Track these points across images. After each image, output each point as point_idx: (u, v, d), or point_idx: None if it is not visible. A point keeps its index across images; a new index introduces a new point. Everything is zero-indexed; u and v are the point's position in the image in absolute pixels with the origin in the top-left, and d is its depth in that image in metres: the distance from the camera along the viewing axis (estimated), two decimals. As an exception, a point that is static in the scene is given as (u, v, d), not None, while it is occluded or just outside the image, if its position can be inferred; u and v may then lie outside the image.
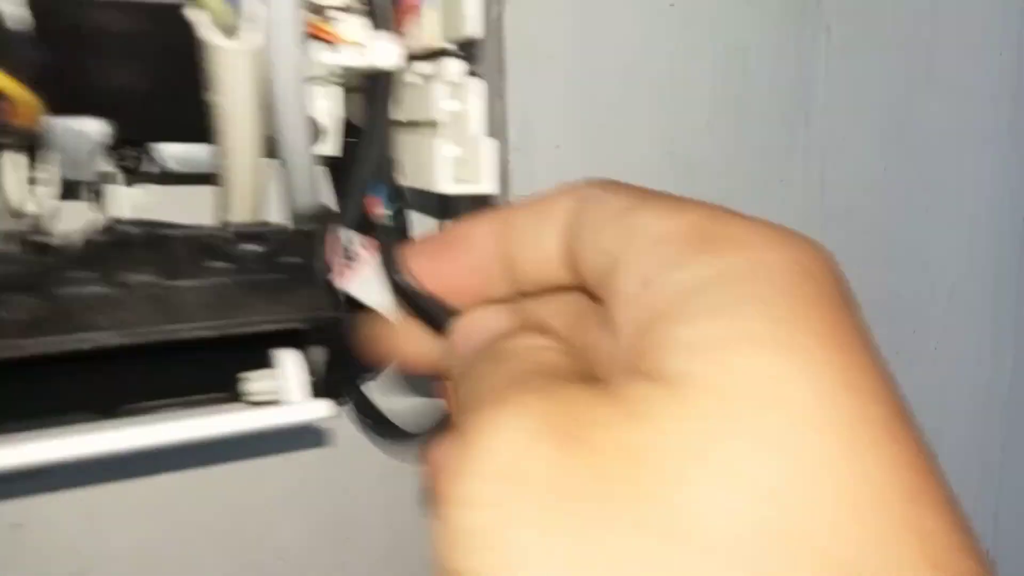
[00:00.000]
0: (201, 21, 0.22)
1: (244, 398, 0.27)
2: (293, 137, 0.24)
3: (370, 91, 0.25)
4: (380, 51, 0.24)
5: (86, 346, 0.20)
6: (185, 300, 0.22)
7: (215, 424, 0.23)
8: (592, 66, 0.42)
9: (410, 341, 0.22)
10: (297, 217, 0.24)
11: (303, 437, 0.40)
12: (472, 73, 0.25)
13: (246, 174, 0.25)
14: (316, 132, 0.29)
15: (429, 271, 0.21)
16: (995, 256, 0.58)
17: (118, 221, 0.22)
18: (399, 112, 0.27)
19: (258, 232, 0.23)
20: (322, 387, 0.26)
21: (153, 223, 0.22)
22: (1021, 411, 0.61)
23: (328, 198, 0.29)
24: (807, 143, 0.48)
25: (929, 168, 0.52)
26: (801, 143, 0.48)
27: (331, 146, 0.30)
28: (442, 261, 0.21)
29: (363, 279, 0.24)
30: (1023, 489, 0.61)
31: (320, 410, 0.24)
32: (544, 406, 0.15)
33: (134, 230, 0.22)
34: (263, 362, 0.27)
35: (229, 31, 0.22)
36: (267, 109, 0.24)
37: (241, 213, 0.26)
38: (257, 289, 0.23)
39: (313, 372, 0.26)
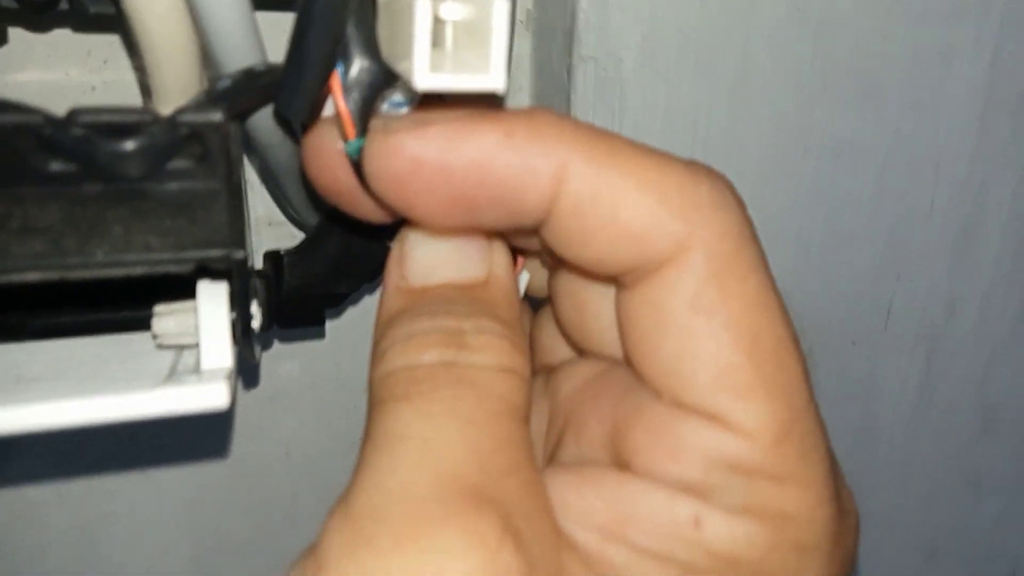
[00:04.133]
0: None
1: (154, 339, 0.20)
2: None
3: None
4: None
5: None
6: (12, 221, 0.14)
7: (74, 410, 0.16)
8: None
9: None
10: (210, 94, 0.16)
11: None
12: None
13: (161, 50, 0.17)
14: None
15: (425, 161, 0.16)
16: None
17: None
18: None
19: (128, 123, 0.15)
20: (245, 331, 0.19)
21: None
22: None
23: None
24: (983, 7, 0.36)
25: None
26: (975, 6, 0.36)
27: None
28: (450, 157, 0.16)
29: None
30: None
31: (216, 396, 0.16)
32: (502, 546, 0.14)
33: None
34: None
35: None
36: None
37: (166, 100, 0.18)
38: (125, 208, 0.15)
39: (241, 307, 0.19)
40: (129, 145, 0.15)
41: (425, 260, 0.19)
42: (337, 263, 0.28)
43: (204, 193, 0.16)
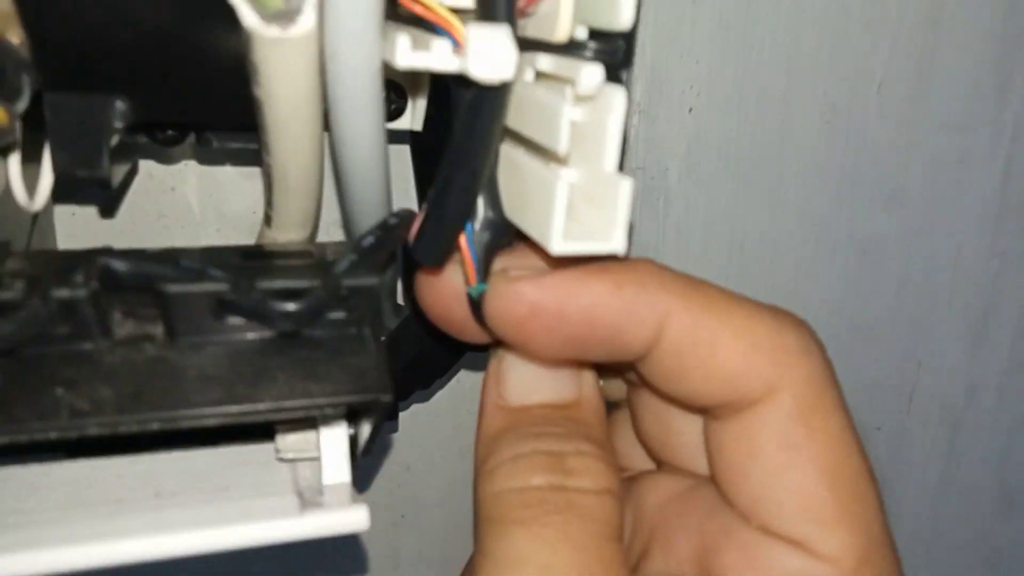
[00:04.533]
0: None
1: (277, 453, 0.22)
2: (357, 152, 0.18)
3: (463, 105, 0.17)
4: (485, 56, 0.15)
5: (25, 438, 0.15)
6: (190, 369, 0.16)
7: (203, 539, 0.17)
8: (751, 10, 0.33)
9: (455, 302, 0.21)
10: (358, 252, 0.18)
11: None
12: (614, 77, 0.17)
13: (294, 192, 0.19)
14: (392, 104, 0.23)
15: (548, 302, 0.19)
16: None
17: (102, 253, 0.16)
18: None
19: (295, 288, 0.17)
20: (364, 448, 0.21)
21: (152, 257, 0.16)
22: None
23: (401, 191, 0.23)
24: (998, 117, 0.39)
25: None
26: (991, 116, 0.38)
27: (412, 118, 0.24)
28: (564, 300, 0.18)
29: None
30: None
31: (358, 519, 0.18)
32: None
33: (122, 268, 0.16)
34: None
35: (277, 16, 0.16)
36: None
37: (287, 230, 0.20)
38: (287, 356, 0.17)
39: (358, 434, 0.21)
40: (297, 307, 0.17)
41: (523, 381, 0.21)
42: (412, 365, 0.30)
43: (354, 341, 0.18)
